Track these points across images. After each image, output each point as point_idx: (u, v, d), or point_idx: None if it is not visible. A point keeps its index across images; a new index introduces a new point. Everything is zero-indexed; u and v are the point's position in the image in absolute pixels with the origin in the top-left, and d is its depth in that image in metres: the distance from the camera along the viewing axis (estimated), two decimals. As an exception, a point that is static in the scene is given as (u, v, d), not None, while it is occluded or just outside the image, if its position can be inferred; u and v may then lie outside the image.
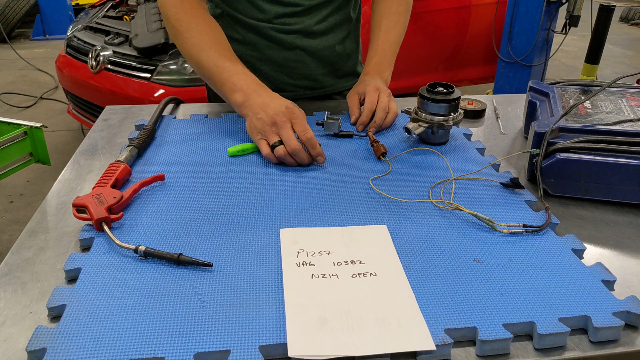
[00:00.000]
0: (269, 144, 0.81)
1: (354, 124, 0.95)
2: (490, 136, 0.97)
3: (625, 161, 0.72)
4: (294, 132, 0.81)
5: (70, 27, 3.26)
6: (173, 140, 0.90)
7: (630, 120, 0.79)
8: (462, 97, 0.94)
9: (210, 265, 0.58)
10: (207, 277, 0.57)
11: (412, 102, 1.11)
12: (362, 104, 0.97)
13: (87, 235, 0.64)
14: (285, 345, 0.49)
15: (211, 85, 0.92)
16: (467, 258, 0.61)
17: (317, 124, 0.92)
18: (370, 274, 0.58)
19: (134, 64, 2.60)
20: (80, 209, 0.66)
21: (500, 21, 3.23)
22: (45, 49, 5.28)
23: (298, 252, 0.61)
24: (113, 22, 3.00)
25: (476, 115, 1.05)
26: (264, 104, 0.83)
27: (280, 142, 0.80)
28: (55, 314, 0.53)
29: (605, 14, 3.18)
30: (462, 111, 0.88)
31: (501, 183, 0.76)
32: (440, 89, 0.87)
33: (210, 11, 1.08)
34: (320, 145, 0.82)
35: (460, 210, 0.69)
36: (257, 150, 0.86)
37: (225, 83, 0.88)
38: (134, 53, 2.62)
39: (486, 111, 1.07)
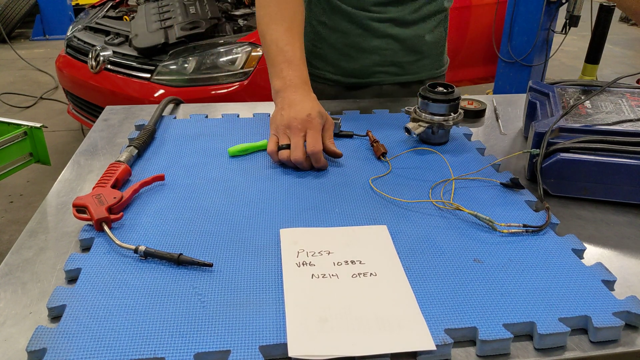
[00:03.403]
0: (278, 142, 0.81)
1: None
2: (490, 136, 0.97)
3: (625, 161, 0.72)
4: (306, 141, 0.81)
5: (70, 27, 3.26)
6: (173, 140, 0.90)
7: (630, 120, 0.79)
8: (462, 97, 0.94)
9: (211, 265, 0.58)
10: (207, 277, 0.57)
11: (412, 102, 1.11)
12: None
13: (87, 235, 0.64)
14: (285, 345, 0.49)
15: (265, 58, 0.92)
16: (467, 258, 0.61)
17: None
18: (371, 274, 0.58)
19: (134, 64, 2.60)
20: (80, 209, 0.66)
21: (500, 21, 3.23)
22: (45, 49, 5.28)
23: (298, 252, 0.61)
24: (113, 22, 3.00)
25: (476, 115, 1.05)
26: (292, 102, 0.83)
27: (289, 146, 0.80)
28: (56, 314, 0.53)
29: (605, 14, 3.18)
30: (462, 111, 0.88)
31: (501, 183, 0.76)
32: (440, 89, 0.87)
33: None
34: (340, 154, 0.82)
35: (460, 210, 0.69)
36: (257, 151, 0.86)
37: (275, 65, 0.88)
38: (134, 53, 2.62)
39: (486, 111, 1.07)
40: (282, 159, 0.80)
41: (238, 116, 1.00)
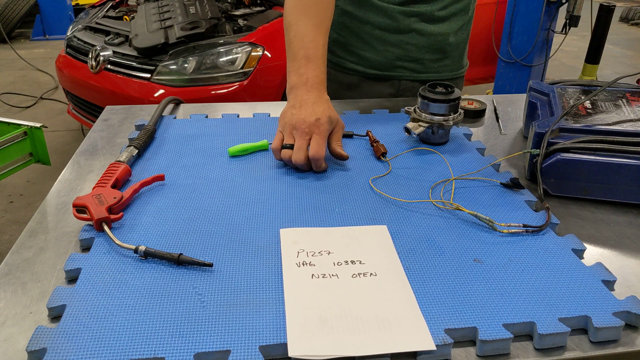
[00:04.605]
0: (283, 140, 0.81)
1: None
2: (490, 136, 0.97)
3: (625, 161, 0.72)
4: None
5: (70, 27, 3.26)
6: (173, 140, 0.90)
7: (630, 120, 0.79)
8: (462, 97, 0.94)
9: (211, 265, 0.58)
10: (207, 277, 0.57)
11: (412, 102, 1.11)
12: None
13: (87, 235, 0.64)
14: (285, 345, 0.49)
15: (287, 51, 0.92)
16: (467, 258, 0.61)
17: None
18: (371, 274, 0.58)
19: (134, 64, 2.60)
20: (80, 209, 0.66)
21: (500, 21, 3.23)
22: (45, 49, 5.28)
23: (298, 252, 0.61)
24: (113, 22, 3.00)
25: (476, 115, 1.05)
26: (304, 102, 0.83)
27: (292, 146, 0.79)
28: (56, 314, 0.53)
29: (605, 14, 3.19)
30: (462, 111, 0.88)
31: (501, 183, 0.76)
32: (440, 89, 0.87)
33: None
34: (346, 157, 0.82)
35: (460, 210, 0.69)
36: (257, 151, 0.86)
37: (295, 60, 0.88)
38: (134, 53, 2.62)
39: (486, 111, 1.07)
40: (283, 158, 0.80)
41: (238, 116, 1.00)
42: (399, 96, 1.17)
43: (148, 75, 2.54)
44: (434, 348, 0.48)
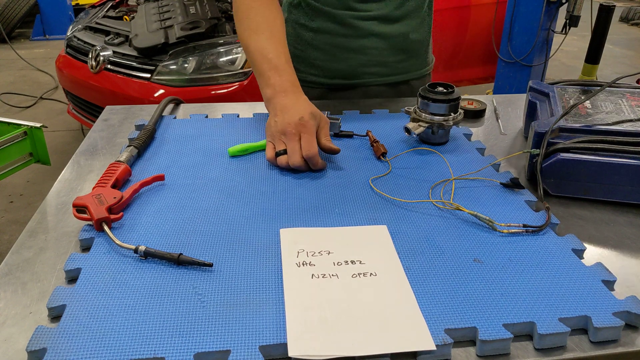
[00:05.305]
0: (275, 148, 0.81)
1: None
2: (490, 136, 0.97)
3: (625, 161, 0.72)
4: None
5: (70, 27, 3.26)
6: (173, 140, 0.90)
7: (630, 120, 0.79)
8: (462, 97, 0.94)
9: (211, 265, 0.58)
10: (207, 277, 0.57)
11: (412, 102, 1.11)
12: None
13: (87, 235, 0.64)
14: (285, 345, 0.49)
15: (253, 71, 0.93)
16: (467, 258, 0.61)
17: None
18: (371, 274, 0.58)
19: (134, 64, 2.60)
20: (80, 209, 0.66)
21: (500, 21, 3.23)
22: (45, 49, 5.28)
23: (298, 252, 0.61)
24: (113, 22, 3.00)
25: (476, 115, 1.05)
26: (284, 107, 0.83)
27: (286, 152, 0.80)
28: (56, 314, 0.53)
29: (605, 14, 3.18)
30: (462, 111, 0.88)
31: (501, 183, 0.76)
32: (440, 89, 0.87)
33: (289, 0, 1.12)
34: (337, 150, 0.82)
35: (460, 210, 0.69)
36: (257, 151, 0.86)
37: (263, 75, 0.89)
38: (134, 53, 2.62)
39: (486, 111, 1.07)
40: (280, 164, 0.80)
41: (238, 116, 1.00)
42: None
43: (148, 75, 2.54)
44: (434, 348, 0.48)
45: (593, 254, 0.65)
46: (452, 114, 0.86)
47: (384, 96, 1.16)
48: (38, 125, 1.82)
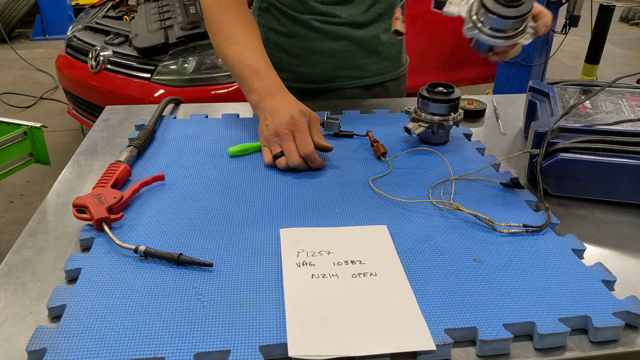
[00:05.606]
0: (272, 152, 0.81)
1: None
2: (490, 136, 0.97)
3: (625, 161, 0.72)
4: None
5: (70, 27, 3.26)
6: (173, 140, 0.90)
7: (630, 120, 0.79)
8: (462, 97, 0.94)
9: (211, 265, 0.58)
10: (207, 277, 0.57)
11: (412, 102, 1.11)
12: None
13: (87, 235, 0.64)
14: (285, 345, 0.49)
15: (235, 80, 0.93)
16: (467, 258, 0.61)
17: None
18: (371, 274, 0.58)
19: (134, 64, 2.60)
20: (80, 209, 0.66)
21: (500, 21, 3.22)
22: (45, 49, 5.28)
23: (298, 252, 0.61)
24: (113, 22, 3.00)
25: (476, 115, 1.05)
26: (273, 109, 0.83)
27: (283, 153, 0.80)
28: (56, 314, 0.53)
29: (605, 14, 3.18)
30: (462, 111, 0.89)
31: (501, 183, 0.76)
32: (440, 89, 0.87)
33: (257, 4, 1.12)
34: (330, 148, 0.82)
35: (460, 210, 0.69)
36: (257, 151, 0.86)
37: (245, 82, 0.89)
38: (134, 53, 2.62)
39: (486, 111, 1.07)
40: (280, 167, 0.80)
41: (238, 116, 1.00)
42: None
43: (148, 75, 2.54)
44: (434, 348, 0.48)
45: (593, 254, 0.65)
46: (452, 114, 0.86)
47: (358, 99, 1.15)
48: (38, 125, 1.82)
